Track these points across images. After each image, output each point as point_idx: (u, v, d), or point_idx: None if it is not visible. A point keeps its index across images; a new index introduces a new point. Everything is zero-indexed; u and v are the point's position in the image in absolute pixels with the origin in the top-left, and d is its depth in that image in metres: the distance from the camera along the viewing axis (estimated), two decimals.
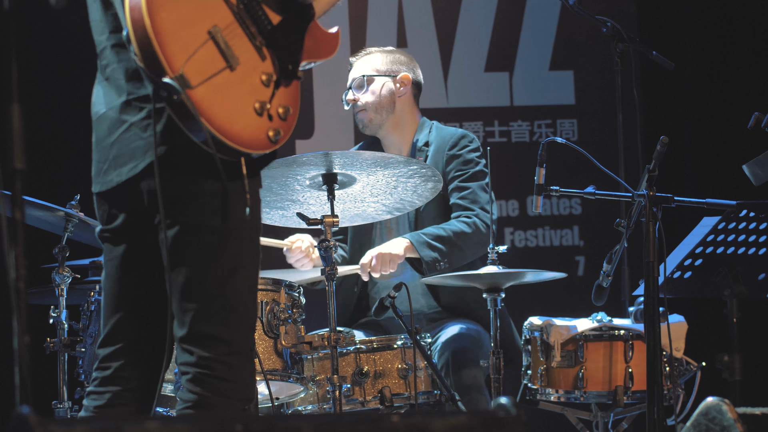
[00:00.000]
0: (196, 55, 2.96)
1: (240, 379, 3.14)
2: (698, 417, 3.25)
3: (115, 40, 3.17)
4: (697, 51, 7.12)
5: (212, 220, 3.08)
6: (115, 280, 3.24)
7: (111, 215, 3.22)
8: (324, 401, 4.64)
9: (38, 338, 4.62)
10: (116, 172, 3.16)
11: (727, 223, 4.62)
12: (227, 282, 3.10)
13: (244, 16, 3.07)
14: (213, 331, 3.10)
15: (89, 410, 3.26)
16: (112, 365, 3.25)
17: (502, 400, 2.24)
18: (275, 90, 3.08)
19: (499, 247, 4.79)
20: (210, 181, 3.07)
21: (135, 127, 3.12)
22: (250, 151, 3.04)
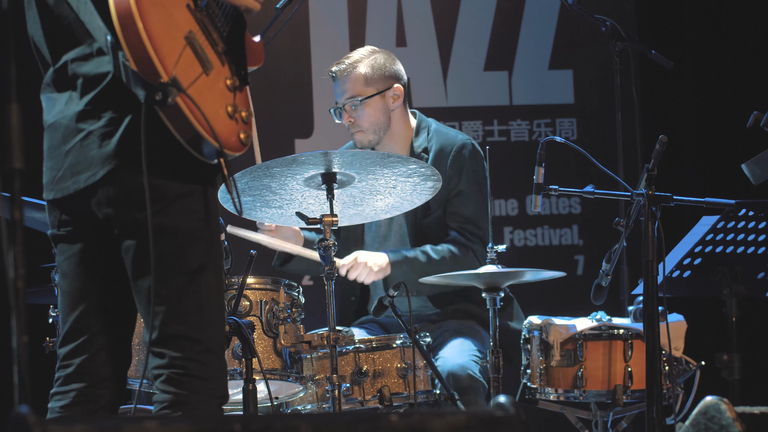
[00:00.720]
0: (180, 60, 2.99)
1: (213, 376, 3.16)
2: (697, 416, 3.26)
3: (75, 54, 3.18)
4: (696, 50, 7.12)
5: (175, 222, 3.12)
6: (73, 276, 3.26)
7: (62, 221, 3.26)
8: (323, 400, 4.63)
9: (37, 338, 4.61)
10: (72, 179, 3.18)
11: (726, 222, 4.62)
12: (194, 282, 3.14)
13: (207, 23, 3.13)
14: (183, 331, 3.13)
15: (55, 411, 3.26)
16: (74, 361, 3.26)
17: (501, 400, 2.24)
18: (235, 95, 3.13)
19: (498, 247, 4.78)
20: (173, 184, 3.11)
21: (93, 135, 3.14)
22: (228, 152, 3.08)
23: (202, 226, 3.15)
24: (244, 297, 4.45)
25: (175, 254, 3.12)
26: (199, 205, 3.14)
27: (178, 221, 3.12)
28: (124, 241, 3.15)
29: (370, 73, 5.33)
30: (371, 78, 5.33)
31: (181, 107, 2.97)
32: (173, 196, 3.11)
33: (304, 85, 6.97)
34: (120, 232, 3.15)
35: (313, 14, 6.99)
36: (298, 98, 6.97)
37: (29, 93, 5.78)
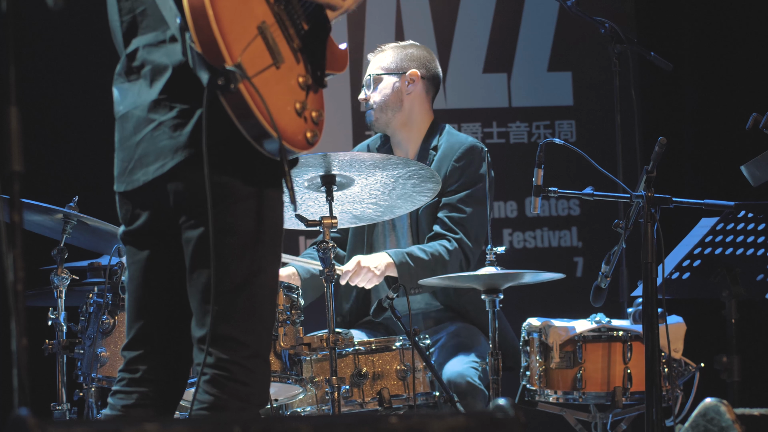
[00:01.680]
0: (248, 49, 2.96)
1: (257, 382, 3.13)
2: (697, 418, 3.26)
3: (147, 40, 3.16)
4: (695, 52, 7.12)
5: (238, 222, 3.07)
6: (138, 284, 3.24)
7: (134, 215, 3.21)
8: (323, 402, 4.63)
9: (37, 340, 4.62)
10: (142, 171, 3.13)
11: (725, 224, 4.62)
12: (249, 284, 3.10)
13: (284, 18, 3.09)
14: (233, 333, 3.09)
15: (116, 409, 3.26)
16: (140, 368, 3.25)
17: (501, 401, 2.24)
18: (308, 94, 3.10)
19: (498, 248, 4.78)
20: (241, 183, 3.06)
21: (164, 126, 3.10)
22: (292, 149, 3.04)
23: (264, 228, 3.10)
24: None
25: (235, 254, 3.07)
26: (262, 207, 3.08)
27: (240, 221, 3.07)
28: (186, 232, 3.10)
29: (392, 55, 5.43)
30: (391, 60, 5.42)
31: (243, 95, 2.92)
32: (238, 196, 3.06)
33: None
34: (184, 222, 3.10)
35: None
36: None
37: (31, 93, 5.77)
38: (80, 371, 4.75)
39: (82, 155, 6.74)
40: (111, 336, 4.67)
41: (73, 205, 4.92)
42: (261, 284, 3.12)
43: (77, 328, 4.82)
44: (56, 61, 6.77)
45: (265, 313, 3.15)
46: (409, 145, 5.41)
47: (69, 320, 4.87)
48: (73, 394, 4.81)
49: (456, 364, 4.97)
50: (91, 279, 5.16)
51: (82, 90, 6.74)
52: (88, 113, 6.72)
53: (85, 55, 6.74)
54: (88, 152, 6.70)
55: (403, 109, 5.38)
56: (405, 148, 5.41)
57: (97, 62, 6.73)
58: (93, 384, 4.66)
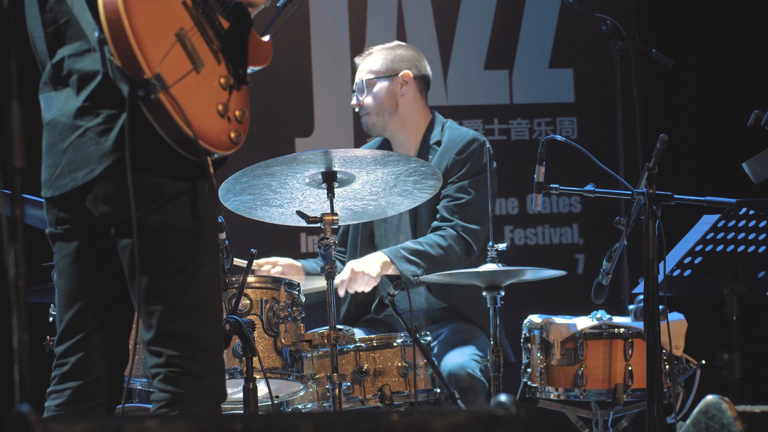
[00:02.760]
0: (167, 57, 2.99)
1: (211, 374, 3.16)
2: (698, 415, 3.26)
3: (72, 50, 3.18)
4: (697, 49, 7.11)
5: (175, 220, 3.11)
6: (70, 275, 3.26)
7: (59, 219, 3.25)
8: (324, 399, 4.63)
9: (38, 336, 4.62)
10: (70, 177, 3.17)
11: (726, 221, 4.62)
12: (191, 280, 3.13)
13: (202, 21, 3.12)
14: (181, 329, 3.13)
15: (51, 410, 3.26)
16: (70, 360, 3.26)
17: (502, 398, 2.24)
18: (231, 93, 3.13)
19: (499, 245, 4.78)
20: (170, 182, 3.11)
21: (90, 132, 3.14)
22: (216, 151, 3.09)
23: (198, 224, 3.14)
24: (245, 296, 4.45)
25: (172, 252, 3.11)
26: (194, 203, 3.13)
27: (174, 219, 3.12)
28: (120, 240, 3.14)
29: (381, 58, 5.40)
30: (382, 63, 5.39)
31: (164, 104, 2.97)
32: (170, 195, 3.11)
33: (304, 84, 6.97)
34: (117, 231, 3.14)
35: (313, 13, 6.99)
36: (298, 97, 6.97)
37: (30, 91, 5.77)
38: None
39: None
40: None
41: None
42: (203, 279, 3.15)
43: None
44: None
45: (211, 306, 3.18)
46: (410, 144, 5.41)
47: None
48: None
49: (457, 357, 4.97)
50: None
51: None
52: None
53: None
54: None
55: (399, 112, 5.37)
56: (407, 148, 5.40)
57: None
58: None
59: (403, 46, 5.50)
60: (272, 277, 4.58)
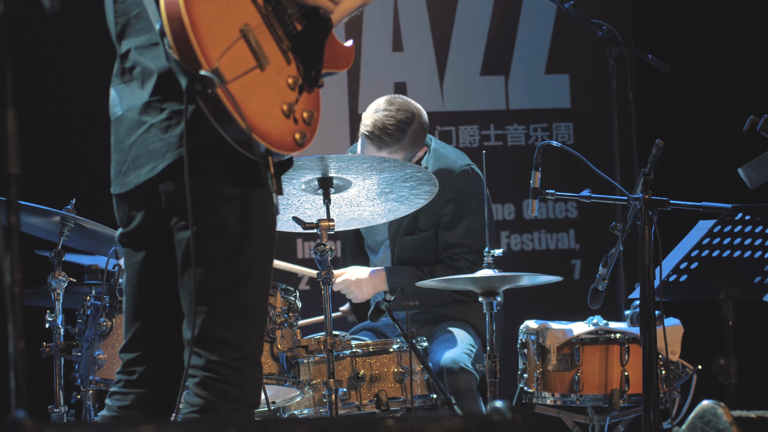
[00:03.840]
0: (228, 52, 2.96)
1: (248, 384, 3.12)
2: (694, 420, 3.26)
3: (139, 41, 3.16)
4: (692, 54, 7.12)
5: (228, 224, 3.07)
6: (135, 286, 3.24)
7: (130, 217, 3.22)
8: (320, 405, 4.63)
9: (34, 342, 4.62)
10: (135, 173, 3.14)
11: (722, 227, 4.62)
12: (239, 286, 3.09)
13: (272, 19, 3.08)
14: (223, 335, 3.08)
15: (113, 410, 3.26)
16: (137, 370, 3.25)
17: (498, 404, 2.24)
18: (300, 94, 3.09)
19: (495, 251, 4.78)
20: (228, 184, 3.06)
21: (154, 128, 3.10)
22: (278, 151, 3.04)
23: (254, 229, 3.09)
24: None
25: (224, 255, 3.07)
26: (252, 208, 3.08)
27: (228, 222, 3.06)
28: (177, 233, 3.10)
29: (408, 147, 5.21)
30: (405, 148, 5.21)
31: (221, 100, 2.92)
32: (227, 197, 3.06)
33: None
34: (175, 224, 3.10)
35: None
36: None
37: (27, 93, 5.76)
38: (78, 374, 4.74)
39: (80, 158, 6.74)
40: (108, 338, 4.66)
41: (70, 207, 4.92)
42: (251, 285, 3.11)
43: (75, 330, 4.82)
44: (53, 64, 6.77)
45: (256, 314, 3.14)
46: None
47: (66, 323, 4.87)
48: (71, 396, 4.81)
49: (448, 351, 4.98)
50: (88, 281, 5.16)
51: (80, 92, 6.73)
52: (86, 116, 6.72)
53: (83, 58, 6.73)
54: (85, 155, 6.70)
55: None
56: None
57: (94, 64, 6.73)
58: (90, 386, 4.66)
59: (415, 122, 5.23)
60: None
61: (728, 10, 7.10)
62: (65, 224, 4.90)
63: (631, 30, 7.07)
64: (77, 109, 6.75)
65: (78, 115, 6.75)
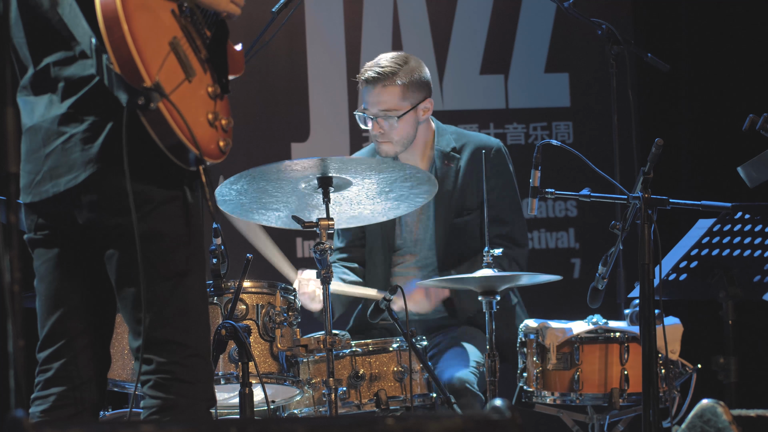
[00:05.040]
0: (164, 66, 2.99)
1: (201, 380, 3.16)
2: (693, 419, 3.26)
3: (57, 57, 3.17)
4: (692, 53, 7.12)
5: (161, 227, 3.12)
6: (51, 281, 3.26)
7: (38, 224, 3.25)
8: (320, 404, 4.63)
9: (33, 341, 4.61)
10: (52, 183, 3.17)
11: (722, 225, 4.62)
12: (178, 288, 3.14)
13: (191, 30, 3.12)
14: (169, 336, 3.14)
15: (35, 416, 3.26)
16: (53, 366, 3.26)
17: (497, 403, 2.24)
18: (216, 103, 3.13)
19: (495, 250, 4.78)
20: (156, 189, 3.12)
21: (75, 138, 3.14)
22: (208, 160, 3.09)
23: (185, 231, 3.15)
24: (241, 301, 4.45)
25: (160, 259, 3.12)
26: (181, 210, 3.14)
27: (161, 226, 3.13)
28: (107, 249, 3.15)
29: (407, 85, 5.21)
30: (408, 92, 5.21)
31: (163, 113, 2.98)
32: (157, 202, 3.12)
33: (300, 89, 6.97)
34: (103, 239, 3.15)
35: (309, 18, 6.99)
36: (294, 102, 6.96)
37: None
38: None
39: None
40: None
41: None
42: (190, 285, 3.16)
43: None
44: None
45: (199, 312, 3.20)
46: (414, 155, 5.32)
47: None
48: None
49: (454, 368, 4.96)
50: None
51: None
52: None
53: None
54: None
55: (417, 134, 5.30)
56: (410, 158, 5.33)
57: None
58: None
59: (412, 60, 5.30)
60: (268, 282, 4.57)
61: (728, 8, 7.10)
62: None
63: (631, 29, 7.06)
64: None
65: None
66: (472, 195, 5.26)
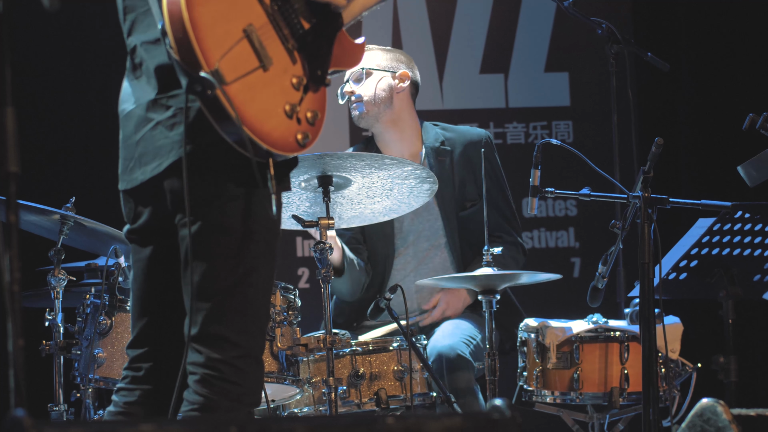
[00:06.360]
0: (230, 53, 2.94)
1: (248, 383, 3.11)
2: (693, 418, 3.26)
3: (146, 37, 3.16)
4: (692, 52, 7.12)
5: (232, 221, 3.06)
6: (141, 282, 3.24)
7: (137, 213, 3.22)
8: (320, 403, 4.63)
9: (34, 341, 4.62)
10: (141, 170, 3.14)
11: (722, 225, 4.62)
12: (242, 284, 3.09)
13: (278, 18, 3.07)
14: (224, 332, 3.08)
15: (119, 405, 3.26)
16: (143, 366, 3.25)
17: (497, 402, 2.24)
18: (304, 94, 3.08)
19: (494, 249, 4.78)
20: (233, 183, 3.06)
21: (161, 125, 3.10)
22: (279, 152, 3.03)
23: (257, 228, 3.09)
24: None
25: (227, 253, 3.06)
26: (256, 206, 3.08)
27: (232, 220, 3.06)
28: (181, 230, 3.10)
29: (382, 55, 5.40)
30: (382, 59, 5.39)
31: (221, 101, 2.92)
32: (231, 195, 3.06)
33: None
34: (180, 220, 3.10)
35: None
36: None
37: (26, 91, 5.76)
38: (77, 372, 4.74)
39: (80, 156, 6.74)
40: (108, 337, 4.67)
41: (69, 206, 4.92)
42: (253, 284, 3.10)
43: (74, 329, 4.82)
44: (53, 62, 6.77)
45: (258, 312, 3.14)
46: (399, 145, 5.37)
47: (66, 321, 4.87)
48: (70, 395, 4.81)
49: (447, 338, 4.97)
50: (88, 280, 5.15)
51: (80, 91, 6.74)
52: (86, 114, 6.72)
53: (83, 56, 6.74)
54: (85, 153, 6.70)
55: (393, 107, 5.35)
56: (394, 149, 5.37)
57: (94, 63, 6.74)
58: (90, 385, 4.66)
59: (399, 51, 5.53)
60: None
61: (728, 8, 7.10)
62: (65, 223, 4.90)
63: (631, 28, 7.07)
64: (77, 107, 6.75)
65: (78, 114, 6.75)
66: (470, 186, 5.29)
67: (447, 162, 5.31)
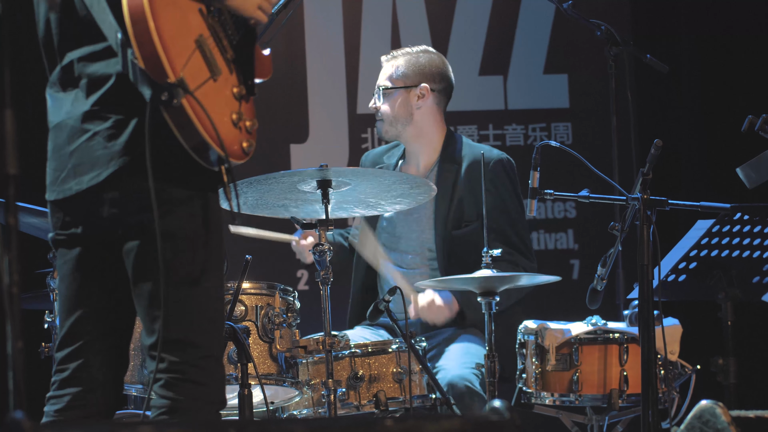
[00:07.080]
0: (188, 63, 2.99)
1: (212, 382, 3.16)
2: (692, 420, 3.26)
3: (82, 53, 3.18)
4: (691, 54, 7.12)
5: (179, 226, 3.11)
6: (71, 281, 3.26)
7: (65, 222, 3.24)
8: (319, 405, 4.63)
9: (32, 343, 4.62)
10: (76, 180, 3.17)
11: (721, 226, 4.62)
12: (195, 287, 3.13)
13: (218, 29, 3.13)
14: (182, 336, 3.13)
15: (50, 415, 3.26)
16: (70, 366, 3.26)
17: (496, 404, 2.24)
18: (241, 104, 3.13)
19: (494, 251, 4.78)
20: (177, 188, 3.11)
21: (98, 136, 3.14)
22: (231, 160, 3.08)
23: (204, 231, 3.14)
24: (240, 302, 4.45)
25: (177, 259, 3.11)
26: (201, 211, 3.13)
27: (181, 226, 3.12)
28: (126, 243, 3.14)
29: (403, 68, 5.34)
30: (401, 73, 5.34)
31: (186, 109, 2.96)
32: (177, 201, 3.11)
33: (299, 90, 6.97)
34: (123, 233, 3.14)
35: (308, 19, 6.99)
36: (293, 103, 6.97)
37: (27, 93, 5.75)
38: None
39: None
40: None
41: None
42: (207, 286, 3.16)
43: None
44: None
45: (214, 314, 3.20)
46: (422, 157, 5.36)
47: None
48: None
49: (457, 366, 4.96)
50: None
51: None
52: None
53: None
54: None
55: (414, 122, 5.32)
56: (417, 161, 5.36)
57: None
58: None
59: (428, 53, 5.42)
60: (267, 284, 4.57)
61: (728, 9, 7.10)
62: None
63: (630, 30, 7.07)
64: None
65: None
66: (470, 206, 5.25)
67: (451, 177, 5.29)
